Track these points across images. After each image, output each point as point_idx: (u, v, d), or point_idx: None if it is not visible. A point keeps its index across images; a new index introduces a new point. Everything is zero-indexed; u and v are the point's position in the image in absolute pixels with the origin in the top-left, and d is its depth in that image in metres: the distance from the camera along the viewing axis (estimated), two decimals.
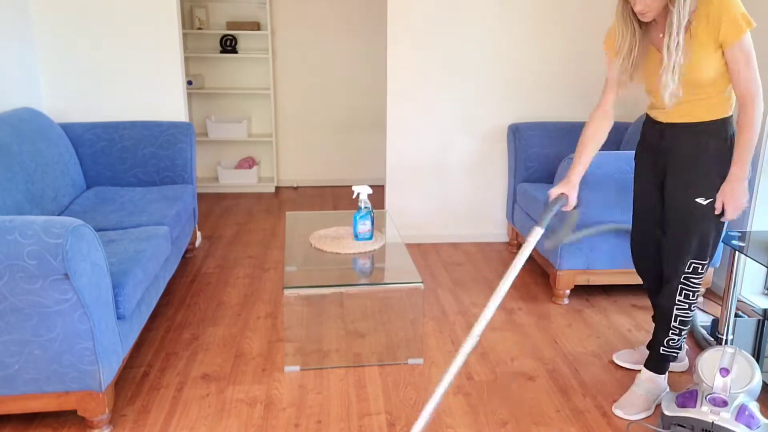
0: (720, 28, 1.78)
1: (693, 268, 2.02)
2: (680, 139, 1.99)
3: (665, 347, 2.14)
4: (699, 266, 2.02)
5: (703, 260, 2.02)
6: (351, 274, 2.56)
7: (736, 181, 1.91)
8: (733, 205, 1.93)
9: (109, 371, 1.96)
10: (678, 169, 2.01)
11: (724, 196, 1.94)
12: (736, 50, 1.80)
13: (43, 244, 1.70)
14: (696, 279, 2.04)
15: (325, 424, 2.09)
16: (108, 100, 3.47)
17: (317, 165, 5.37)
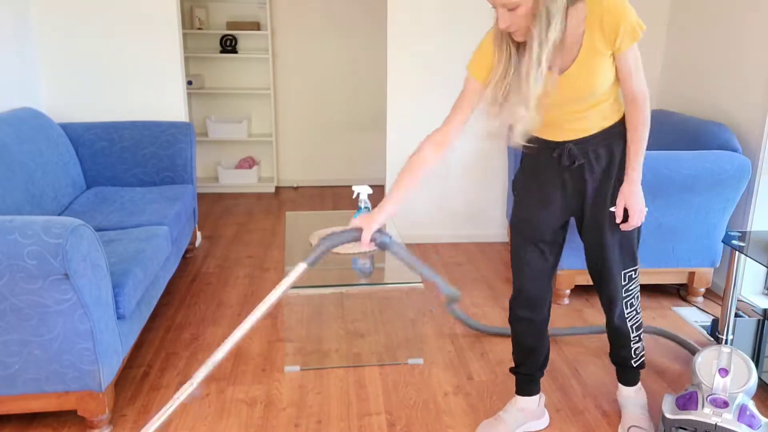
0: (617, 36, 1.65)
1: (628, 278, 1.94)
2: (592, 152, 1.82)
3: (635, 358, 2.06)
4: (632, 273, 1.94)
5: (634, 266, 1.94)
6: (351, 274, 2.56)
7: (634, 183, 1.80)
8: (637, 208, 1.81)
9: (109, 371, 1.96)
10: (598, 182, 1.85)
11: (626, 200, 1.80)
12: (630, 54, 1.70)
13: (43, 244, 1.70)
14: (633, 285, 1.96)
15: (325, 424, 2.09)
16: (108, 100, 3.47)
17: (317, 165, 5.36)
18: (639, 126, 1.78)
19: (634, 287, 1.97)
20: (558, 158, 1.85)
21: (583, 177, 1.85)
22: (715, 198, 2.80)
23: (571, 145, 1.83)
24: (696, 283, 3.04)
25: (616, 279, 1.93)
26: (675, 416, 1.89)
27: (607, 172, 1.84)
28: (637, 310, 2.00)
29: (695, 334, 2.75)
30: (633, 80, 1.75)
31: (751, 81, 2.95)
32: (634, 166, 1.80)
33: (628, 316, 1.99)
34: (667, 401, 1.96)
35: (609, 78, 1.73)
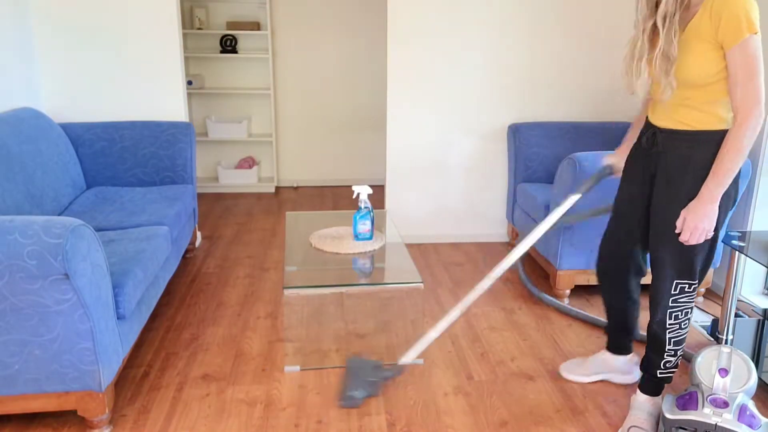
0: (719, 26, 1.61)
1: (680, 289, 1.89)
2: (669, 147, 1.83)
3: (663, 370, 2.03)
4: (686, 286, 1.89)
5: (690, 280, 1.88)
6: (351, 274, 2.56)
7: (702, 200, 1.72)
8: (693, 225, 1.74)
9: (109, 371, 1.96)
10: (664, 180, 1.85)
11: (687, 212, 1.76)
12: (735, 54, 1.61)
13: (43, 244, 1.70)
14: (684, 298, 1.91)
15: (325, 424, 2.09)
16: (108, 100, 3.47)
17: (317, 165, 5.37)
18: (726, 144, 1.67)
19: (684, 300, 1.91)
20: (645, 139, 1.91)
21: (656, 167, 1.87)
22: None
23: (657, 130, 1.85)
24: None
25: (665, 284, 1.90)
26: (675, 416, 1.89)
27: (680, 175, 1.79)
28: (681, 325, 1.95)
29: (695, 334, 2.75)
30: (736, 90, 1.63)
31: None
32: (709, 184, 1.71)
33: (670, 328, 1.95)
34: (667, 401, 1.96)
35: (708, 70, 1.66)
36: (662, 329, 1.96)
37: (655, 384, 2.07)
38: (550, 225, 2.08)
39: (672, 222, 1.82)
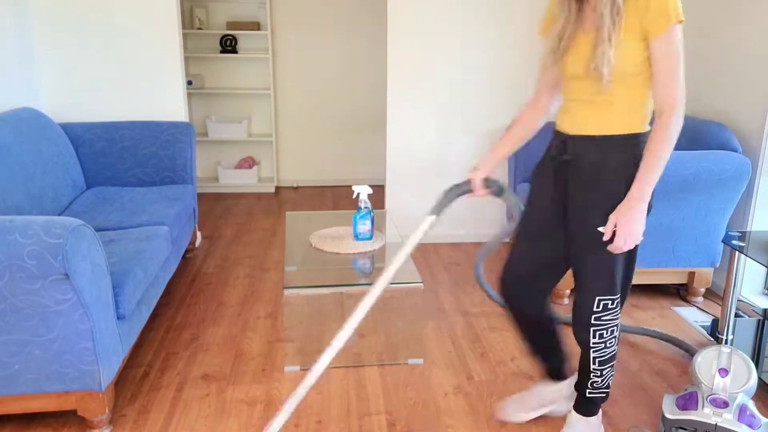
0: (646, 14, 1.50)
1: (603, 306, 1.74)
2: (582, 154, 1.68)
3: (591, 390, 1.89)
4: (609, 302, 1.74)
5: (612, 296, 1.73)
6: (351, 274, 2.56)
7: (633, 200, 1.58)
8: (626, 230, 1.59)
9: (109, 371, 1.96)
10: (578, 188, 1.71)
11: (617, 217, 1.60)
12: (660, 44, 1.51)
13: (43, 244, 1.70)
14: (608, 316, 1.76)
15: (325, 424, 2.09)
16: (108, 100, 3.47)
17: (317, 165, 5.37)
18: (656, 139, 1.55)
19: (609, 318, 1.76)
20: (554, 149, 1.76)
21: (570, 177, 1.72)
22: (715, 198, 2.80)
23: (567, 138, 1.70)
24: (696, 283, 3.04)
25: (587, 301, 1.75)
26: (675, 416, 1.89)
27: (594, 181, 1.66)
28: (606, 344, 1.79)
29: (695, 334, 2.75)
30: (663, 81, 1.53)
31: (751, 81, 2.95)
32: (640, 183, 1.58)
33: (594, 347, 1.80)
34: (667, 401, 1.96)
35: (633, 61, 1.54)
36: (586, 348, 1.82)
37: (586, 404, 1.93)
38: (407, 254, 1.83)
39: (590, 232, 1.67)
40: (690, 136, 3.03)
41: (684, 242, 2.91)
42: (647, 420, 2.13)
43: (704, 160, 2.73)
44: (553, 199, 1.80)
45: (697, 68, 3.40)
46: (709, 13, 3.29)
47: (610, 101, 1.62)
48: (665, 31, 1.50)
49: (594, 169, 1.66)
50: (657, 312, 2.96)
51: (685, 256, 2.95)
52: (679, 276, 3.06)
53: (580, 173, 1.69)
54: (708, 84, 3.29)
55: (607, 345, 1.80)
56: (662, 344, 2.65)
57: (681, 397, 1.94)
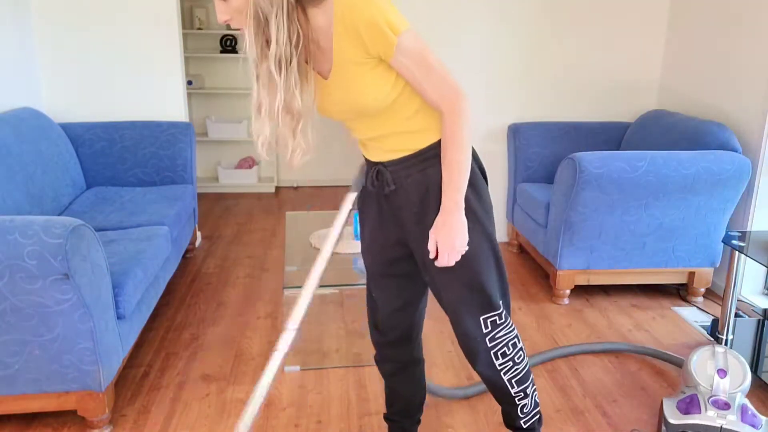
0: (364, 42, 1.31)
1: (491, 324, 1.54)
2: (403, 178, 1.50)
3: (524, 417, 1.68)
4: (495, 317, 1.54)
5: (495, 310, 1.53)
6: (351, 274, 2.56)
7: (446, 209, 1.42)
8: (448, 245, 1.41)
9: (109, 371, 1.96)
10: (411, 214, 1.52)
11: (435, 231, 1.43)
12: (400, 62, 1.33)
13: (43, 244, 1.70)
14: (502, 332, 1.56)
15: (325, 424, 2.09)
16: (108, 100, 3.46)
17: (317, 165, 5.36)
18: (448, 143, 1.39)
19: (503, 334, 1.57)
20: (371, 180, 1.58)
21: (399, 206, 1.53)
22: (715, 198, 2.80)
23: (381, 167, 1.52)
24: (696, 283, 3.04)
25: (469, 326, 1.55)
26: (679, 421, 1.88)
27: (424, 202, 1.48)
28: (514, 360, 1.59)
29: (695, 334, 2.75)
30: (427, 88, 1.37)
31: (751, 81, 2.95)
32: (447, 193, 1.41)
33: (502, 368, 1.59)
34: (667, 406, 1.95)
35: (382, 90, 1.38)
36: (495, 374, 1.60)
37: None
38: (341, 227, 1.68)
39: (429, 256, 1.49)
40: (690, 136, 3.03)
41: (684, 242, 2.91)
42: (647, 420, 2.13)
43: (704, 160, 2.73)
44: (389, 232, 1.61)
45: (697, 68, 3.40)
46: (709, 13, 3.29)
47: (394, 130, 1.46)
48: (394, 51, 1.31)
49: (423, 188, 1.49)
50: (657, 312, 2.96)
51: (685, 256, 2.95)
52: (679, 276, 3.06)
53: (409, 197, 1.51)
54: (708, 84, 3.29)
55: (516, 360, 1.60)
56: (663, 344, 2.64)
57: (681, 401, 1.93)
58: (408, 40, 1.31)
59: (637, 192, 2.74)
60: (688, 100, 3.48)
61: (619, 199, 2.77)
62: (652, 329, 2.78)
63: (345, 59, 1.35)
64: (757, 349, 2.53)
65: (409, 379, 1.82)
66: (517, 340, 1.60)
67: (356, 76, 1.36)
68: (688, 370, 1.98)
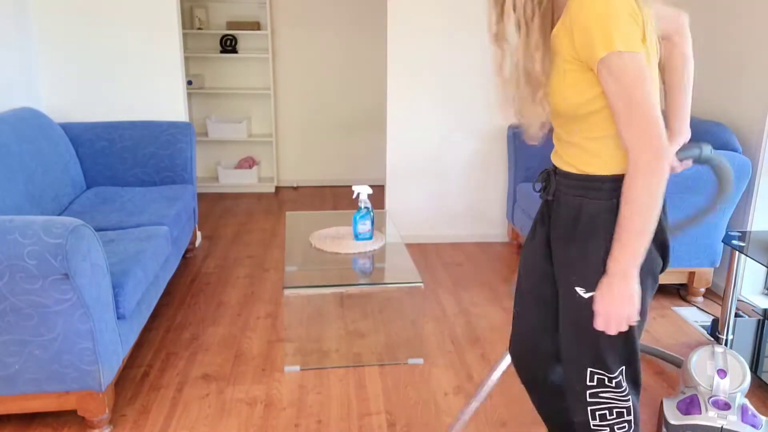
0: (574, 41, 1.19)
1: (597, 381, 1.37)
2: (561, 194, 1.37)
3: None
4: (605, 379, 1.36)
5: (607, 372, 1.35)
6: (351, 274, 2.56)
7: (612, 276, 1.23)
8: (607, 310, 1.25)
9: (109, 371, 1.96)
10: (557, 237, 1.39)
11: (598, 292, 1.26)
12: (603, 76, 1.17)
13: (43, 244, 1.70)
14: (608, 394, 1.38)
15: (325, 424, 2.09)
16: (108, 100, 3.47)
17: (317, 165, 5.36)
18: (629, 197, 1.19)
19: (608, 397, 1.38)
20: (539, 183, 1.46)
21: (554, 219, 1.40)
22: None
23: (552, 172, 1.41)
24: (696, 283, 3.04)
25: (577, 372, 1.39)
26: (680, 422, 1.88)
27: (570, 230, 1.33)
28: (614, 428, 1.40)
29: (695, 334, 2.75)
30: (622, 120, 1.18)
31: (751, 81, 2.95)
32: (614, 254, 1.22)
33: (596, 429, 1.41)
34: (667, 406, 1.95)
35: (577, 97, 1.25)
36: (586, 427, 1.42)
37: None
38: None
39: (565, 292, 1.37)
40: (690, 136, 3.03)
41: (684, 242, 2.91)
42: (647, 420, 2.13)
43: None
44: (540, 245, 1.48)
45: (697, 68, 3.39)
46: (709, 12, 3.28)
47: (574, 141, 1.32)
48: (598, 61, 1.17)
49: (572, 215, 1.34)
50: (657, 312, 2.96)
51: (685, 256, 2.95)
52: (679, 276, 3.06)
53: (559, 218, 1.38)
54: (708, 84, 3.29)
55: (615, 429, 1.41)
56: (662, 344, 2.64)
57: (681, 402, 1.93)
58: (621, 61, 1.15)
59: None
60: None
61: None
62: (652, 329, 2.78)
63: (556, 50, 1.26)
64: (757, 349, 2.53)
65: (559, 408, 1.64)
66: (627, 412, 1.40)
67: (559, 70, 1.26)
68: (687, 370, 1.98)
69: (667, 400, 1.98)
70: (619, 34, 1.14)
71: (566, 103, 1.27)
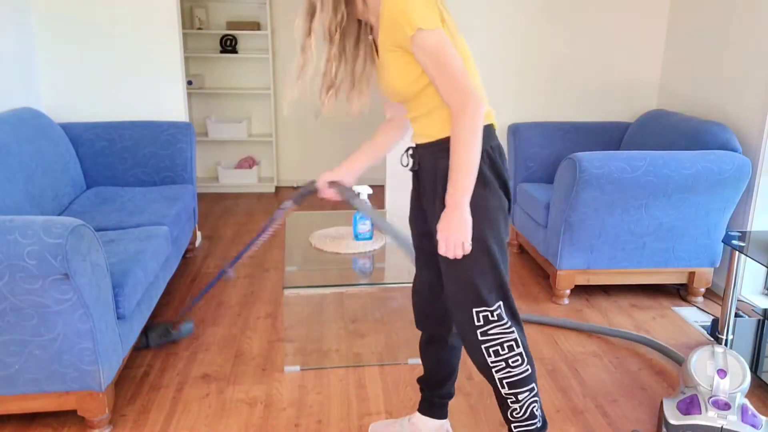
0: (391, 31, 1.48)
1: (483, 319, 1.58)
2: (423, 162, 1.64)
3: (516, 422, 1.66)
4: (488, 314, 1.57)
5: (487, 306, 1.57)
6: (351, 274, 2.56)
7: (448, 208, 1.50)
8: (446, 237, 1.50)
9: (109, 371, 1.96)
10: (425, 199, 1.67)
11: (439, 226, 1.52)
12: (418, 54, 1.47)
13: (43, 244, 1.70)
14: (496, 329, 1.58)
15: (325, 424, 2.09)
16: (108, 100, 3.47)
17: (317, 165, 5.36)
18: (456, 141, 1.46)
19: (497, 332, 1.58)
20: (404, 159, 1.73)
21: (423, 186, 1.66)
22: (715, 198, 2.80)
23: (412, 148, 1.69)
24: (696, 283, 3.04)
25: (463, 316, 1.60)
26: (680, 422, 1.88)
27: (432, 189, 1.61)
28: (509, 362, 1.59)
29: (695, 334, 2.75)
30: (439, 85, 1.48)
31: (751, 81, 2.95)
32: (449, 190, 1.49)
33: (494, 366, 1.60)
34: (667, 406, 1.95)
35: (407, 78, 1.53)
36: (487, 370, 1.62)
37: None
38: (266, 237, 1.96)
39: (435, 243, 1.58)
40: (690, 136, 3.03)
41: (684, 242, 2.91)
42: (647, 420, 2.13)
43: (704, 160, 2.73)
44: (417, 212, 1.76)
45: (697, 68, 3.40)
46: (709, 12, 3.29)
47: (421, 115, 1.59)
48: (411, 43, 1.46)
49: (431, 177, 1.61)
50: (657, 312, 2.96)
51: (685, 256, 2.95)
52: (679, 276, 3.06)
53: (425, 182, 1.65)
54: (708, 84, 3.29)
55: (510, 363, 1.60)
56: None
57: (682, 402, 1.93)
58: (427, 38, 1.45)
59: (637, 192, 2.74)
60: (688, 100, 3.48)
61: (619, 199, 2.77)
62: (652, 329, 2.78)
63: (382, 46, 1.54)
64: (757, 349, 2.53)
65: (431, 355, 1.89)
66: (515, 344, 1.60)
67: (389, 62, 1.53)
68: (687, 370, 1.98)
69: (667, 400, 1.98)
70: (419, 16, 1.43)
71: (400, 87, 1.55)
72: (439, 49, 1.45)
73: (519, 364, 1.61)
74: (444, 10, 1.56)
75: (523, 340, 1.62)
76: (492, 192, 1.55)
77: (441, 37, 1.47)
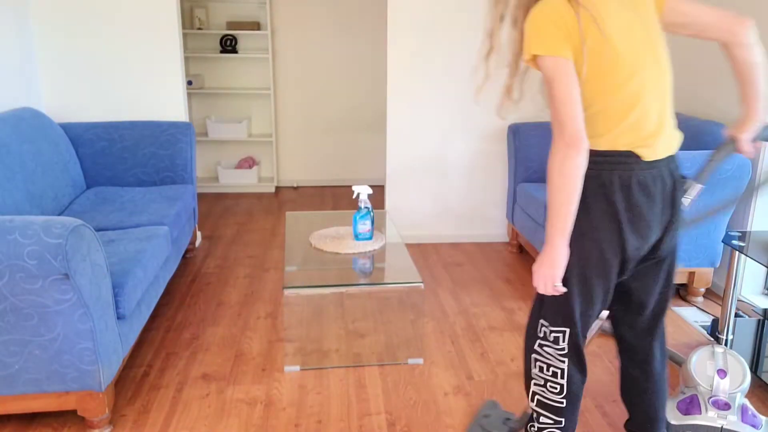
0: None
1: (543, 333, 1.57)
2: None
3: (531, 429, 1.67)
4: (547, 331, 1.56)
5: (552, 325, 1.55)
6: (351, 274, 2.56)
7: (545, 244, 1.44)
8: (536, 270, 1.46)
9: (109, 371, 1.96)
10: None
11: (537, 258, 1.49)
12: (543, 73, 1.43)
13: (43, 244, 1.70)
14: (549, 349, 1.56)
15: (325, 424, 2.09)
16: (108, 100, 3.47)
17: (317, 165, 5.36)
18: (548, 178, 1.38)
19: (549, 352, 1.57)
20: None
21: None
22: (715, 198, 2.80)
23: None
24: (696, 283, 3.03)
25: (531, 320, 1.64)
26: (680, 422, 1.88)
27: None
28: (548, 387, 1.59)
29: (695, 334, 2.75)
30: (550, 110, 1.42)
31: None
32: (546, 224, 1.43)
33: (535, 378, 1.62)
34: (667, 406, 1.95)
35: None
36: (527, 379, 1.64)
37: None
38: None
39: None
40: (690, 136, 3.03)
41: (684, 242, 2.91)
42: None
43: (704, 160, 2.73)
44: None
45: (697, 68, 3.40)
46: None
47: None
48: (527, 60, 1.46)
49: None
50: None
51: (685, 256, 2.95)
52: (679, 276, 3.06)
53: None
54: (708, 84, 3.29)
55: (548, 387, 1.58)
56: None
57: (681, 402, 1.93)
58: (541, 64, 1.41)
59: None
60: (688, 100, 3.48)
61: None
62: None
63: None
64: (757, 349, 2.53)
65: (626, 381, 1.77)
66: (561, 374, 1.56)
67: None
68: (687, 370, 1.98)
69: (667, 400, 1.97)
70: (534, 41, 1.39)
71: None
72: (551, 78, 1.39)
73: (556, 392, 1.58)
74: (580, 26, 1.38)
75: (572, 378, 1.56)
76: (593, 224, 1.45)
77: (553, 65, 1.38)
